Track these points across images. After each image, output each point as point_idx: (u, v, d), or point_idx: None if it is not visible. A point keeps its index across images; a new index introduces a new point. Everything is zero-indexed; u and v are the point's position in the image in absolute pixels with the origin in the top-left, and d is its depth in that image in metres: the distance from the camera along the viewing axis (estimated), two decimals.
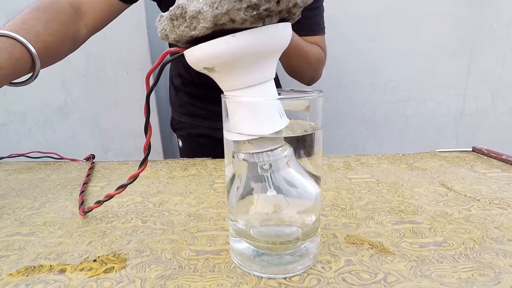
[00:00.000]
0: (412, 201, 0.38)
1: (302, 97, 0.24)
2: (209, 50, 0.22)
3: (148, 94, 0.28)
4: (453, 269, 0.25)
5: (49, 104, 1.26)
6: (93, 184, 0.47)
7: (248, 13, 0.20)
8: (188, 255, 0.28)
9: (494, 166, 0.50)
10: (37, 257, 0.28)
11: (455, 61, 1.26)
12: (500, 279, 0.24)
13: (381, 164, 0.53)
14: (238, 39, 0.21)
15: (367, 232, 0.32)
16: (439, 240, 0.30)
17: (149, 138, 0.30)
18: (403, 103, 1.32)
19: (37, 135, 1.27)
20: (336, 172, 0.49)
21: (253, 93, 0.24)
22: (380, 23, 1.22)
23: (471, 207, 0.36)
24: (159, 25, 0.23)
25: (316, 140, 0.25)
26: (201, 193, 0.43)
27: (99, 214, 0.37)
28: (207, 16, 0.20)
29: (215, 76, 0.24)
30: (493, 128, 1.31)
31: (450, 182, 0.44)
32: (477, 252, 0.28)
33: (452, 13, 1.20)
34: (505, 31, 1.21)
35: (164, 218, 0.36)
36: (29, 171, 0.53)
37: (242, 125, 0.24)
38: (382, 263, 0.27)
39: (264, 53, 0.22)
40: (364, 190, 0.42)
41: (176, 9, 0.21)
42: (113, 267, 0.27)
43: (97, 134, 1.27)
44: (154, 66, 0.26)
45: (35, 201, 0.41)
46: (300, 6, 0.22)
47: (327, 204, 0.38)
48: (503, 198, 0.39)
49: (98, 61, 1.19)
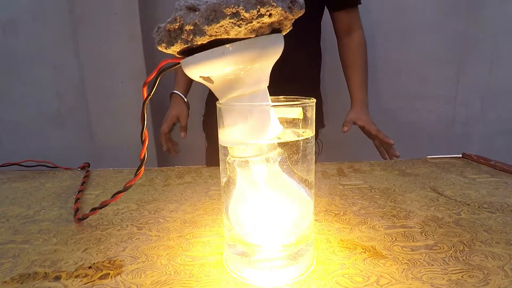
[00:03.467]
0: (404, 206, 0.39)
1: (295, 105, 0.25)
2: (205, 60, 0.23)
3: (144, 103, 0.28)
4: (444, 271, 0.26)
5: (43, 113, 1.25)
6: (88, 192, 0.47)
7: (242, 25, 0.21)
8: (184, 261, 0.28)
9: (483, 172, 0.52)
10: (31, 264, 0.28)
11: (445, 71, 1.29)
12: (489, 280, 0.25)
13: (374, 170, 0.54)
14: (233, 49, 0.22)
15: (360, 236, 0.32)
16: (430, 243, 0.31)
17: (145, 145, 0.31)
18: (395, 112, 1.34)
19: (31, 144, 1.26)
20: (330, 179, 0.50)
21: (248, 100, 0.24)
22: (373, 34, 1.25)
23: (461, 211, 0.37)
24: (157, 36, 0.24)
25: (308, 146, 0.26)
26: (197, 200, 0.43)
27: (94, 222, 0.37)
28: (203, 28, 0.21)
29: (210, 84, 0.25)
30: (483, 135, 1.33)
31: (441, 188, 0.45)
32: (467, 254, 0.28)
33: (441, 24, 1.24)
34: (492, 41, 1.25)
35: (159, 225, 0.36)
36: (23, 180, 0.53)
37: (236, 131, 0.24)
38: (374, 266, 0.27)
39: (258, 62, 0.23)
40: (357, 196, 0.43)
41: (173, 20, 0.22)
42: (109, 274, 0.27)
43: (91, 143, 1.26)
44: (151, 75, 0.26)
45: (29, 209, 0.41)
46: (291, 19, 0.23)
47: (321, 210, 0.39)
48: (491, 202, 0.40)
49: (93, 71, 1.19)
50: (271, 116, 0.24)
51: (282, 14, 0.22)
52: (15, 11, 1.18)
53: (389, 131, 1.42)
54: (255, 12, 0.20)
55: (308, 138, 0.26)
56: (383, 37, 1.25)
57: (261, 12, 0.21)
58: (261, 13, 0.21)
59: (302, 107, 0.25)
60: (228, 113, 0.25)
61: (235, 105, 0.25)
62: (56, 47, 1.21)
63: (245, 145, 0.24)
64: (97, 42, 1.16)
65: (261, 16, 0.21)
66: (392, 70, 1.29)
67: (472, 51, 1.26)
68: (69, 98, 1.24)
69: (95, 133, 1.25)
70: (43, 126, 1.26)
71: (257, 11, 0.21)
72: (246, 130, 0.24)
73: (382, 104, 1.33)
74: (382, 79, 1.30)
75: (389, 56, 1.27)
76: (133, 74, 1.19)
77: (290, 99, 0.27)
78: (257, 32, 0.22)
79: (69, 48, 1.20)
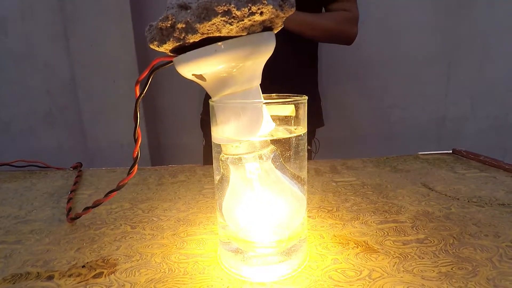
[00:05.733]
0: (396, 202, 0.40)
1: (287, 102, 0.26)
2: (197, 58, 0.23)
3: (137, 101, 0.28)
4: (434, 264, 0.27)
5: (33, 113, 1.23)
6: (81, 192, 0.47)
7: (233, 23, 0.21)
8: (178, 259, 0.29)
9: (473, 167, 0.53)
10: (24, 264, 0.28)
11: (435, 69, 1.31)
12: (477, 271, 0.26)
13: (366, 167, 0.55)
14: (225, 47, 0.22)
15: (352, 232, 0.33)
16: (421, 237, 0.31)
17: (138, 144, 0.31)
18: (387, 110, 1.36)
19: (21, 143, 1.24)
20: (323, 176, 0.51)
21: (240, 98, 0.25)
22: (364, 33, 1.26)
23: (451, 206, 0.38)
24: (148, 34, 0.24)
25: (301, 143, 0.26)
26: (190, 199, 0.43)
27: (87, 221, 0.37)
28: (195, 26, 0.21)
29: (203, 82, 0.25)
30: (472, 132, 1.36)
31: (432, 183, 0.46)
32: (456, 247, 0.29)
33: (431, 23, 1.26)
34: (482, 40, 1.27)
35: (153, 223, 0.36)
36: (14, 180, 0.53)
37: (229, 129, 0.24)
38: (367, 260, 0.28)
39: (250, 60, 0.23)
40: (350, 192, 0.44)
41: (165, 19, 0.22)
42: (102, 272, 0.27)
43: (82, 143, 1.25)
44: (143, 74, 0.26)
45: (21, 210, 0.40)
46: (282, 17, 0.23)
47: (314, 207, 0.39)
48: (480, 197, 0.40)
49: (85, 70, 1.18)
50: (263, 114, 0.25)
51: (273, 12, 0.22)
52: (5, 9, 1.16)
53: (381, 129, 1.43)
54: (246, 10, 0.21)
55: (300, 135, 0.26)
56: (374, 36, 1.26)
57: (252, 10, 0.21)
58: (252, 11, 0.21)
59: (294, 104, 0.25)
60: (221, 110, 0.25)
61: (228, 102, 0.25)
62: (47, 46, 1.19)
63: (238, 142, 0.25)
64: (88, 40, 1.15)
65: (253, 14, 0.21)
66: (383, 69, 1.30)
67: (462, 50, 1.28)
68: (60, 97, 1.22)
69: (87, 133, 1.23)
70: (34, 126, 1.24)
71: (248, 9, 0.21)
72: (239, 127, 0.24)
73: (374, 102, 1.34)
74: (374, 78, 1.31)
75: (380, 55, 1.29)
76: (125, 73, 1.18)
77: (282, 97, 0.27)
78: (249, 30, 0.22)
79: (60, 47, 1.18)
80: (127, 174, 0.32)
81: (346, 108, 1.33)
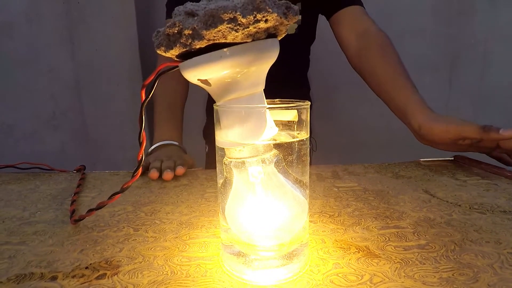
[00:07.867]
0: (397, 208, 0.40)
1: (290, 107, 0.26)
2: (203, 63, 0.23)
3: (143, 105, 0.29)
4: (435, 270, 0.27)
5: (37, 116, 1.25)
6: (84, 194, 0.47)
7: (239, 30, 0.22)
8: (180, 261, 0.29)
9: (474, 174, 0.53)
10: (28, 265, 0.29)
11: (437, 76, 1.32)
12: (478, 277, 0.26)
13: (368, 173, 0.55)
14: (230, 53, 0.23)
15: (354, 237, 0.33)
16: (422, 243, 0.31)
17: (143, 147, 0.31)
18: (389, 116, 1.36)
19: (25, 146, 1.25)
20: (325, 181, 0.51)
21: (244, 103, 0.25)
22: None
23: (453, 212, 0.38)
24: (156, 40, 0.24)
25: (303, 147, 0.26)
26: (193, 202, 0.43)
27: (90, 223, 0.37)
28: (201, 33, 0.22)
29: (208, 87, 0.25)
30: None
31: (433, 189, 0.46)
32: (457, 253, 0.29)
33: (433, 30, 1.27)
34: (482, 47, 1.28)
35: (156, 226, 0.36)
36: (18, 182, 0.53)
37: (233, 133, 0.25)
38: (368, 265, 0.28)
39: (254, 66, 0.24)
40: (352, 197, 0.44)
41: (173, 25, 0.23)
42: (105, 274, 0.27)
43: (86, 146, 1.26)
44: (150, 78, 0.27)
45: (25, 211, 0.41)
46: (286, 24, 0.24)
47: (316, 211, 0.39)
48: (482, 203, 0.40)
49: (89, 74, 1.19)
50: (267, 118, 0.25)
51: (277, 20, 0.22)
52: (11, 14, 1.18)
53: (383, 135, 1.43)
54: (251, 17, 0.21)
55: (303, 140, 0.26)
56: None
57: (258, 18, 0.21)
58: (258, 19, 0.21)
59: (297, 109, 0.26)
60: (225, 115, 0.25)
61: (232, 107, 0.25)
62: (52, 50, 1.21)
63: (242, 146, 0.25)
64: (93, 45, 1.16)
65: (258, 21, 0.22)
66: None
67: (463, 57, 1.29)
68: (64, 100, 1.24)
69: (90, 136, 1.24)
70: (38, 129, 1.25)
71: (253, 17, 0.21)
72: (243, 131, 0.25)
73: (376, 108, 1.34)
74: None
75: None
76: (129, 77, 1.19)
77: (285, 102, 0.27)
78: (254, 36, 0.23)
79: (65, 51, 1.20)
80: (131, 177, 0.32)
81: (348, 114, 1.34)
